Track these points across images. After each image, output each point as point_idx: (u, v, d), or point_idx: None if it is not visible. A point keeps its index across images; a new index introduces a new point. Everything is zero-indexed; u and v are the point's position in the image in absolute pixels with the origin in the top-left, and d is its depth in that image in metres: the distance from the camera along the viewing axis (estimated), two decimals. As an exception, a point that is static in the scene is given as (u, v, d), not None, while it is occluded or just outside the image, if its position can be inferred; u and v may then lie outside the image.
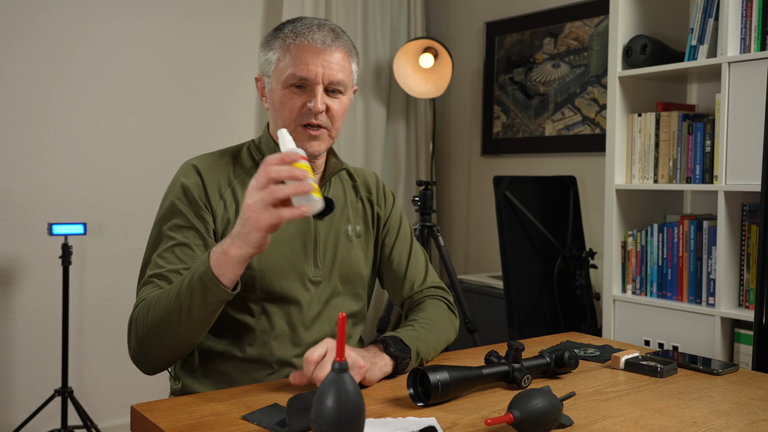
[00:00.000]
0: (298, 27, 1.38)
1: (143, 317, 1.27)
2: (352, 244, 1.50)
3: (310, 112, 1.36)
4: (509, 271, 2.71)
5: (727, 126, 2.24)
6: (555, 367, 1.34)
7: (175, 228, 1.36)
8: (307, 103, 1.36)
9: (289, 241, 1.41)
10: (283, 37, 1.38)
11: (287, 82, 1.36)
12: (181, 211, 1.37)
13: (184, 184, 1.39)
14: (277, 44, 1.38)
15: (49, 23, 2.88)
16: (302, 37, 1.36)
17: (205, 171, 1.40)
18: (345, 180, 1.56)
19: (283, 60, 1.37)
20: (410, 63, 3.53)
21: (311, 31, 1.37)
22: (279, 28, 1.42)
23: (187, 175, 1.40)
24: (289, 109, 1.37)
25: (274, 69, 1.39)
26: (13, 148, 2.83)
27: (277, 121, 1.40)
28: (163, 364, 1.32)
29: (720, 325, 2.27)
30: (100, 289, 3.03)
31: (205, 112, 3.28)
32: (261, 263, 1.37)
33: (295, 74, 1.35)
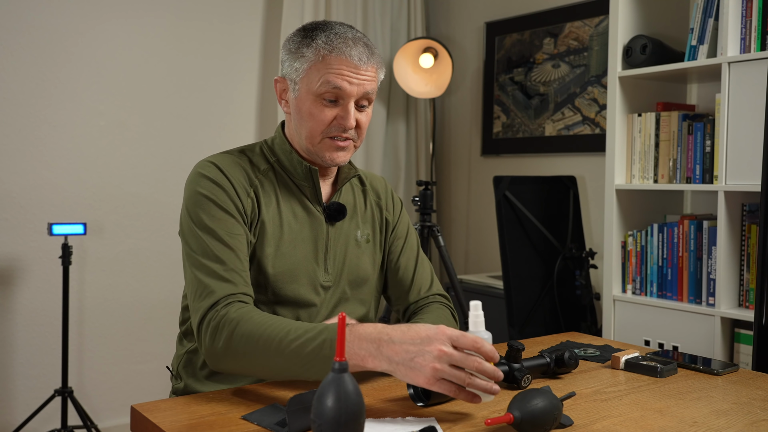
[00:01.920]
0: (332, 39, 1.35)
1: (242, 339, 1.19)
2: (361, 250, 1.50)
3: (340, 126, 1.36)
4: (509, 271, 2.71)
5: (727, 126, 2.24)
6: (555, 367, 1.34)
7: (217, 219, 1.32)
8: (339, 117, 1.36)
9: (301, 245, 1.41)
10: (317, 47, 1.35)
11: (320, 94, 1.35)
12: (218, 202, 1.33)
13: (212, 178, 1.35)
14: (310, 53, 1.35)
15: (49, 23, 2.88)
16: (338, 51, 1.34)
17: (226, 168, 1.37)
18: (355, 185, 1.56)
19: (315, 70, 1.35)
20: (410, 63, 3.53)
21: (347, 45, 1.35)
22: (309, 35, 1.37)
23: (212, 172, 1.36)
24: (320, 121, 1.36)
25: (304, 77, 1.36)
26: (13, 148, 2.83)
27: (302, 129, 1.39)
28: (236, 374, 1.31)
29: (720, 325, 2.27)
30: (100, 289, 3.03)
31: (205, 112, 3.28)
32: (275, 267, 1.37)
33: (329, 85, 1.34)
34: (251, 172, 1.41)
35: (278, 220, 1.40)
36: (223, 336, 1.22)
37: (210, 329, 1.23)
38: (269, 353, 1.17)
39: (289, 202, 1.42)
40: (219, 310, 1.24)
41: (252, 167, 1.42)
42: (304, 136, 1.39)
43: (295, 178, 1.43)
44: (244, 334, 1.20)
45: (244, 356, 1.20)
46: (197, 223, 1.33)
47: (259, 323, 1.20)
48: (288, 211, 1.41)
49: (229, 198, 1.34)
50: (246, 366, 1.21)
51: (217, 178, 1.35)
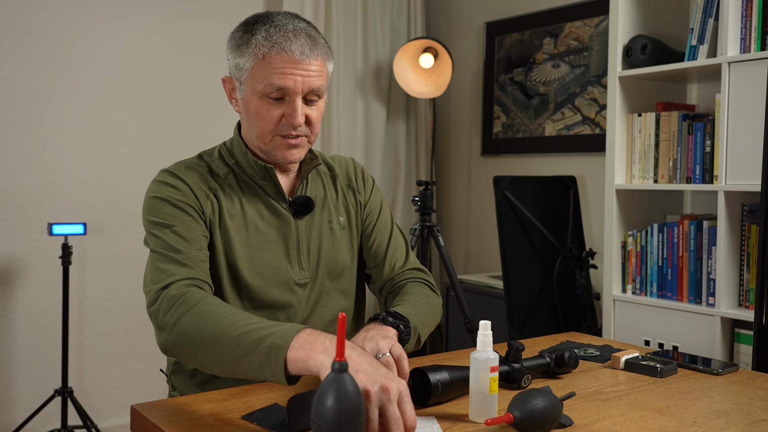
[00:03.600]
0: (272, 34, 1.29)
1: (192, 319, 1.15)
2: (336, 238, 1.46)
3: (288, 124, 1.32)
4: (509, 271, 2.71)
5: (727, 126, 2.24)
6: (555, 367, 1.34)
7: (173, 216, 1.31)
8: (286, 114, 1.32)
9: (270, 245, 1.39)
10: (257, 44, 1.30)
11: (264, 93, 1.30)
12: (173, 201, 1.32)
13: (167, 182, 1.35)
14: (250, 51, 1.30)
15: (49, 23, 2.88)
16: (278, 48, 1.28)
17: (184, 174, 1.36)
18: (323, 172, 1.51)
19: (257, 69, 1.30)
20: (410, 63, 3.53)
21: (287, 39, 1.29)
22: (249, 30, 1.33)
23: (168, 178, 1.36)
24: (267, 120, 1.32)
25: (248, 77, 1.32)
26: (13, 148, 2.83)
27: (252, 129, 1.36)
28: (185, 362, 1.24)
29: (720, 325, 2.27)
30: (100, 289, 3.03)
31: (205, 112, 3.28)
32: (245, 272, 1.35)
33: (273, 86, 1.29)
34: (210, 177, 1.38)
35: (243, 224, 1.37)
36: (177, 312, 1.17)
37: (165, 303, 1.19)
38: (215, 338, 1.11)
39: (254, 204, 1.39)
40: (178, 288, 1.21)
41: (210, 173, 1.39)
42: (255, 136, 1.36)
43: (255, 178, 1.40)
44: (198, 315, 1.15)
45: (192, 338, 1.14)
46: (154, 224, 1.32)
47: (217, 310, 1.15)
48: (253, 213, 1.39)
49: (184, 197, 1.33)
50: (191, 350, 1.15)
51: (173, 182, 1.34)
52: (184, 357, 1.20)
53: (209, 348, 1.13)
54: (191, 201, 1.33)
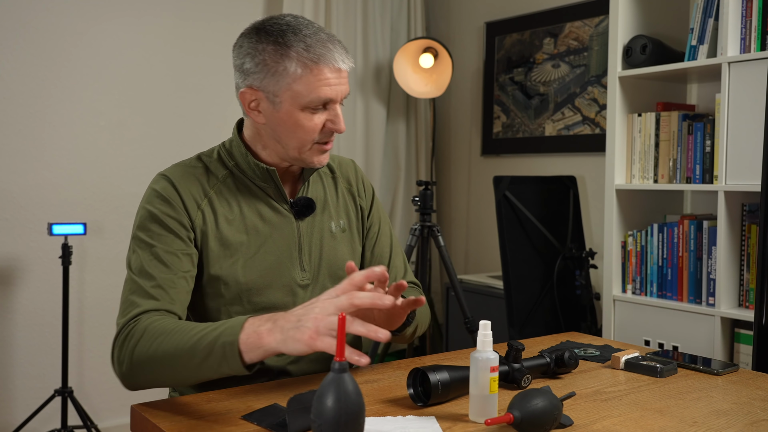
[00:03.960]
0: (311, 45, 1.28)
1: (146, 345, 1.18)
2: (336, 241, 1.47)
3: (329, 131, 1.34)
4: (509, 271, 2.71)
5: (727, 126, 2.24)
6: (555, 367, 1.34)
7: (156, 235, 1.31)
8: (329, 122, 1.33)
9: (273, 248, 1.38)
10: (298, 57, 1.28)
11: (309, 105, 1.30)
12: (158, 217, 1.32)
13: (158, 192, 1.34)
14: (293, 65, 1.28)
15: (49, 23, 2.88)
16: (324, 60, 1.28)
17: (178, 181, 1.35)
18: (324, 174, 1.52)
19: (303, 83, 1.29)
20: (410, 63, 3.53)
21: (328, 49, 1.29)
22: (281, 42, 1.29)
23: (161, 185, 1.35)
24: (310, 130, 1.32)
25: (287, 90, 1.29)
26: (13, 148, 2.83)
27: (289, 140, 1.34)
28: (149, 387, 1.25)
29: (720, 325, 2.27)
30: (100, 289, 3.03)
31: (205, 112, 3.28)
32: (246, 276, 1.35)
33: (321, 97, 1.29)
34: (207, 182, 1.38)
35: (243, 227, 1.37)
36: (129, 345, 1.20)
37: (119, 343, 1.22)
38: (170, 357, 1.15)
39: (254, 205, 1.39)
40: (132, 324, 1.22)
41: (208, 176, 1.39)
42: (291, 146, 1.35)
43: (255, 180, 1.39)
44: (148, 340, 1.18)
45: (149, 364, 1.17)
46: (137, 239, 1.32)
47: (164, 328, 1.18)
48: (253, 214, 1.38)
49: (174, 212, 1.32)
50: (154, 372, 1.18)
51: (166, 193, 1.34)
52: (145, 383, 1.22)
53: (168, 367, 1.16)
54: (181, 218, 1.33)
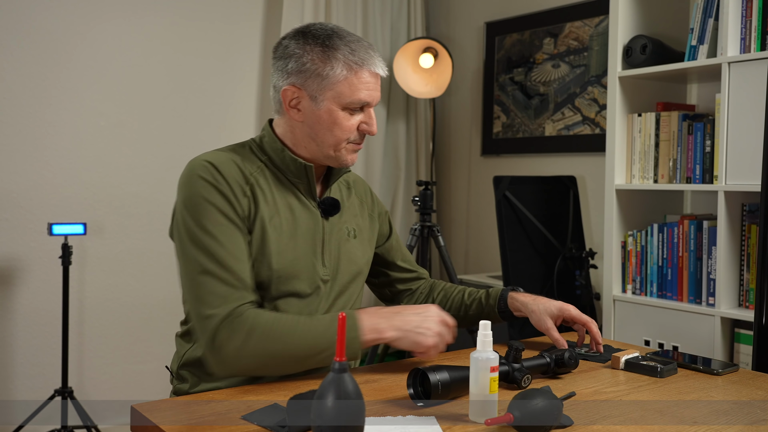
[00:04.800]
0: (355, 50, 1.39)
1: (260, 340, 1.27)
2: (351, 243, 1.53)
3: (363, 133, 1.44)
4: (509, 271, 2.71)
5: (727, 126, 2.24)
6: (555, 367, 1.34)
7: (219, 226, 1.33)
8: (363, 123, 1.43)
9: (300, 240, 1.43)
10: (345, 60, 1.38)
11: (351, 105, 1.40)
12: (218, 207, 1.34)
13: (209, 180, 1.36)
14: (339, 66, 1.38)
15: (49, 23, 2.88)
16: (368, 65, 1.40)
17: (222, 167, 1.38)
18: (341, 184, 1.60)
19: (347, 84, 1.39)
20: (410, 63, 3.52)
21: (370, 56, 1.41)
22: (327, 44, 1.39)
23: (209, 173, 1.36)
24: (347, 129, 1.41)
25: (331, 90, 1.39)
26: (13, 148, 2.83)
27: (326, 138, 1.41)
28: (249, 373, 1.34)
29: (720, 325, 2.27)
30: (100, 289, 3.03)
31: (205, 112, 3.28)
32: (277, 263, 1.38)
33: (362, 99, 1.40)
34: (246, 169, 1.42)
35: (277, 217, 1.41)
36: (240, 337, 1.27)
37: (224, 335, 1.27)
38: (291, 341, 1.27)
39: (285, 199, 1.44)
40: (232, 314, 1.28)
41: (245, 165, 1.43)
42: (327, 144, 1.42)
43: (288, 175, 1.45)
44: (263, 330, 1.27)
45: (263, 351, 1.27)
46: (200, 228, 1.33)
47: (276, 318, 1.30)
48: (285, 207, 1.43)
49: (228, 202, 1.35)
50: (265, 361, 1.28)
51: (215, 180, 1.36)
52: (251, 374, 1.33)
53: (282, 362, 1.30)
54: (234, 205, 1.36)
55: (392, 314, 1.32)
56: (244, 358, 1.27)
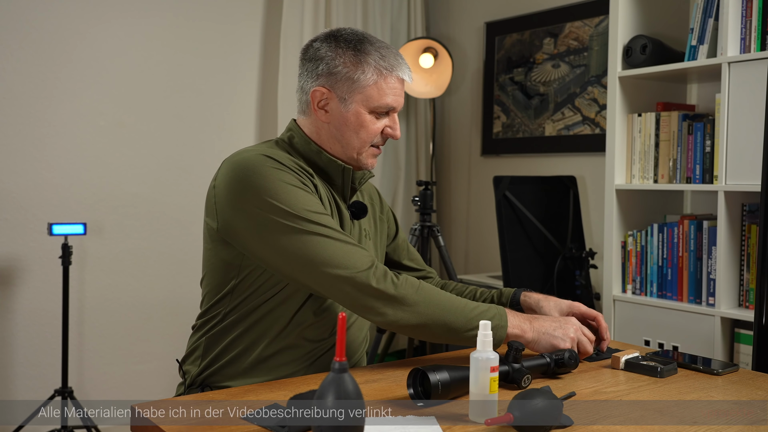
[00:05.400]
0: (386, 56, 1.43)
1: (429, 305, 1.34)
2: (368, 245, 1.56)
3: (386, 136, 1.48)
4: (509, 271, 2.70)
5: (727, 126, 2.24)
6: (555, 367, 1.34)
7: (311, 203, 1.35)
8: (387, 127, 1.47)
9: None
10: (377, 66, 1.42)
11: (378, 109, 1.44)
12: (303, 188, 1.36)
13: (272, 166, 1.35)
14: (370, 70, 1.42)
15: (49, 23, 2.88)
16: (398, 70, 1.44)
17: (280, 158, 1.39)
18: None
19: (375, 88, 1.43)
20: (410, 63, 3.52)
21: (399, 63, 1.45)
22: (359, 48, 1.43)
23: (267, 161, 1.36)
24: (372, 132, 1.45)
25: (358, 92, 1.42)
26: (13, 148, 2.83)
27: (351, 140, 1.44)
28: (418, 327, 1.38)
29: (720, 325, 2.27)
30: (100, 289, 3.03)
31: (205, 112, 3.28)
32: None
33: (389, 104, 1.44)
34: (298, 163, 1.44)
35: (329, 209, 1.44)
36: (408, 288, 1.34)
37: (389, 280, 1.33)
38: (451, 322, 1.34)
39: (327, 197, 1.47)
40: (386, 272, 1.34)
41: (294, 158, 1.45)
42: (352, 146, 1.46)
43: (322, 176, 1.47)
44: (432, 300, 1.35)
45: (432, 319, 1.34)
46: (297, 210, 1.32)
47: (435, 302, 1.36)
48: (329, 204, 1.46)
49: (305, 185, 1.37)
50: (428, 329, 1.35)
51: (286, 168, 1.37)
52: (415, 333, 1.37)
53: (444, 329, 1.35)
54: (310, 186, 1.39)
55: (534, 319, 1.40)
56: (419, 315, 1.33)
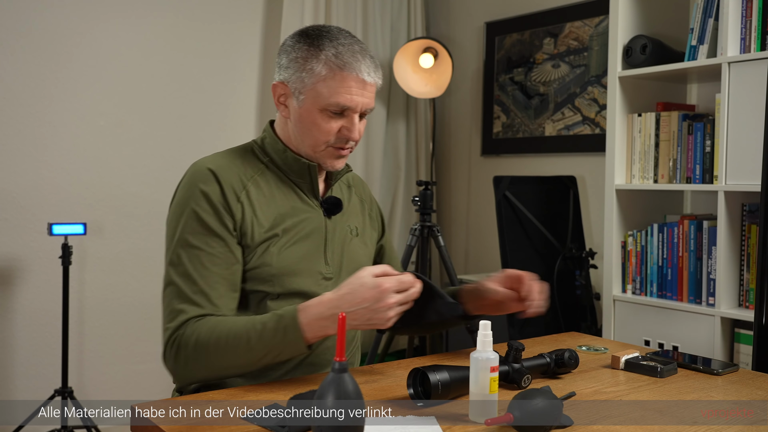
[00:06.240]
0: (341, 53, 1.36)
1: (204, 344, 1.27)
2: (353, 243, 1.54)
3: (344, 138, 1.41)
4: (509, 271, 2.70)
5: (727, 126, 2.24)
6: (555, 367, 1.34)
7: (200, 236, 1.35)
8: (344, 128, 1.40)
9: (303, 239, 1.44)
10: (327, 61, 1.36)
11: (328, 108, 1.37)
12: (203, 219, 1.36)
13: (203, 190, 1.37)
14: (320, 68, 1.36)
15: (49, 23, 2.88)
16: (349, 68, 1.36)
17: (221, 174, 1.39)
18: (342, 184, 1.60)
19: (325, 86, 1.36)
20: (410, 63, 3.52)
21: (356, 59, 1.37)
22: (315, 44, 1.38)
23: (205, 181, 1.38)
24: (325, 132, 1.39)
25: (311, 90, 1.37)
26: (13, 148, 2.83)
27: (305, 138, 1.41)
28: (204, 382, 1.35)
29: (720, 325, 2.27)
30: (100, 289, 3.03)
31: (205, 112, 3.28)
32: (279, 262, 1.39)
33: (339, 103, 1.37)
34: (245, 173, 1.42)
35: (279, 217, 1.42)
36: (182, 354, 1.29)
37: (173, 351, 1.31)
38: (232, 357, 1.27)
39: (288, 199, 1.45)
40: (181, 333, 1.30)
41: (245, 168, 1.44)
42: (307, 144, 1.43)
43: (290, 175, 1.46)
44: (199, 342, 1.28)
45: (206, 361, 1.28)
46: (180, 238, 1.36)
47: (211, 327, 1.29)
48: (287, 207, 1.44)
49: (217, 215, 1.36)
50: (211, 369, 1.29)
51: (210, 190, 1.36)
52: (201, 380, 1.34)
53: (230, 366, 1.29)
54: (224, 218, 1.36)
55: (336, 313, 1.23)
56: (192, 372, 1.30)
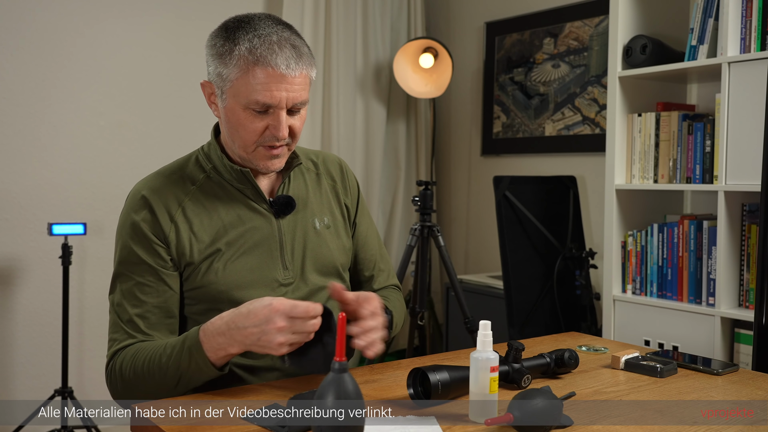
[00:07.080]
0: (256, 46, 1.26)
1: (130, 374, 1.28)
2: (321, 237, 1.45)
3: (272, 136, 1.31)
4: (509, 271, 2.71)
5: (727, 126, 2.24)
6: (555, 367, 1.34)
7: (131, 267, 1.33)
8: (271, 126, 1.31)
9: (252, 249, 1.37)
10: (240, 56, 1.27)
11: (249, 106, 1.29)
12: (134, 251, 1.33)
13: (134, 221, 1.34)
14: (234, 62, 1.28)
15: (49, 23, 2.88)
16: (263, 62, 1.25)
17: (153, 198, 1.35)
18: (308, 170, 1.50)
19: (241, 83, 1.28)
20: (410, 63, 3.52)
21: (272, 52, 1.26)
22: (231, 38, 1.29)
23: (137, 209, 1.35)
24: (251, 131, 1.31)
25: (230, 88, 1.30)
26: (13, 148, 2.83)
27: (234, 138, 1.34)
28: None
29: (720, 325, 2.27)
30: (100, 289, 3.03)
31: (205, 112, 3.25)
32: (225, 278, 1.34)
33: (258, 101, 1.27)
34: (182, 190, 1.38)
35: (221, 231, 1.36)
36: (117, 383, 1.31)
37: (110, 381, 1.33)
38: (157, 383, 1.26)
39: (233, 208, 1.38)
40: (113, 363, 1.32)
41: (184, 183, 1.39)
42: (238, 146, 1.35)
43: (232, 182, 1.39)
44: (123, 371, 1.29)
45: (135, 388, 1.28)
46: (115, 268, 1.37)
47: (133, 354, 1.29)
48: (232, 217, 1.37)
49: (148, 244, 1.33)
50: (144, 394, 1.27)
51: (140, 219, 1.34)
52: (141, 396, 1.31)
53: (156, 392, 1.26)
54: (155, 244, 1.33)
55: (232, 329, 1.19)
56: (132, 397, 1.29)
